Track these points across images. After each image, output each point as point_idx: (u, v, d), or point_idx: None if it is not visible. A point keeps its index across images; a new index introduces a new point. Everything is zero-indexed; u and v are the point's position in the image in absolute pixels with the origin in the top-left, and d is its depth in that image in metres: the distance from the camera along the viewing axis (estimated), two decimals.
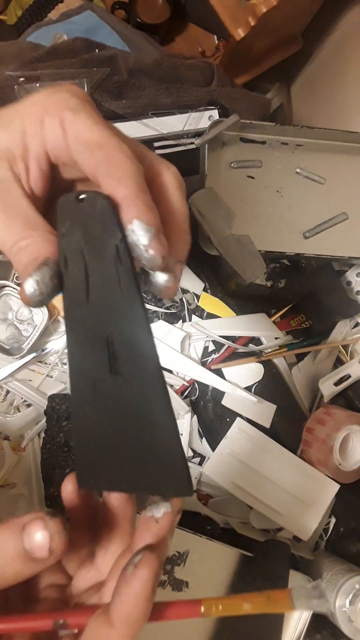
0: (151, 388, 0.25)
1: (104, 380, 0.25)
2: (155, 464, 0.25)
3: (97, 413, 0.25)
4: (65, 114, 0.24)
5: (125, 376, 0.25)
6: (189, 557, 0.48)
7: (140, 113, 0.63)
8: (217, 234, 0.53)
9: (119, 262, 0.24)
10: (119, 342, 0.25)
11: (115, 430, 0.25)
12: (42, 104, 0.25)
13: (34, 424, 0.56)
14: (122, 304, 0.24)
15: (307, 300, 0.62)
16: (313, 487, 0.56)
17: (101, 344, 0.25)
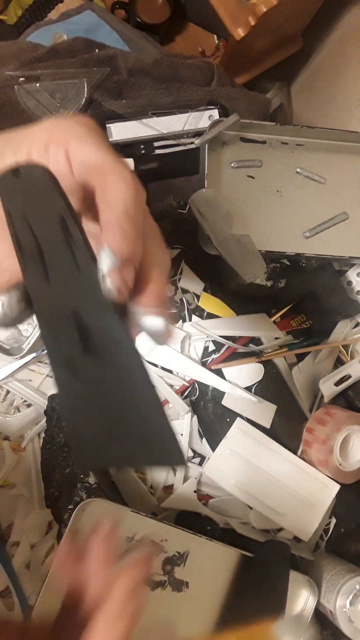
0: (128, 365, 0.24)
1: (81, 360, 0.25)
2: (146, 439, 0.25)
3: (81, 395, 0.25)
4: (71, 143, 0.24)
5: (100, 354, 0.24)
6: (189, 558, 0.47)
7: (140, 113, 0.63)
8: (217, 234, 0.53)
9: (68, 234, 0.23)
10: (87, 319, 0.24)
11: (102, 409, 0.25)
12: (48, 131, 0.25)
13: (34, 424, 0.56)
14: (81, 279, 0.24)
15: (307, 300, 0.62)
16: (313, 488, 0.56)
17: (70, 323, 0.24)
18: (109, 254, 0.23)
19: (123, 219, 0.24)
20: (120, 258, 0.23)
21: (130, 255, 0.24)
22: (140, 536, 0.47)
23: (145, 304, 0.25)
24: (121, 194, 0.24)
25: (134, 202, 0.24)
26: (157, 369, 0.57)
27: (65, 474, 0.51)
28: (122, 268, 0.24)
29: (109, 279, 0.23)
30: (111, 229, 0.24)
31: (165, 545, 0.47)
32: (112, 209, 0.24)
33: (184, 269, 0.58)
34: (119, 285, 0.24)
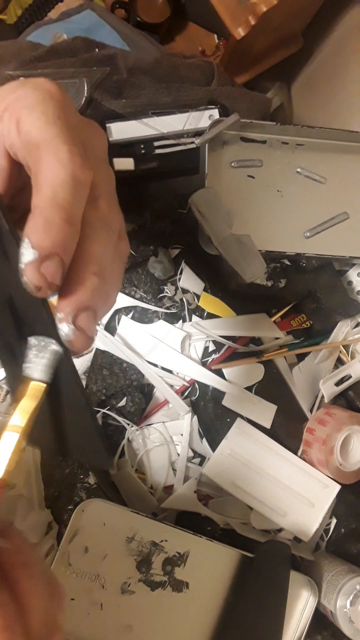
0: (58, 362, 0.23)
1: (18, 346, 0.24)
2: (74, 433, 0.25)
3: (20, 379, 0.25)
4: (23, 112, 0.22)
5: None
6: (189, 558, 0.47)
7: (140, 112, 0.63)
8: (217, 234, 0.53)
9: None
10: (20, 307, 0.24)
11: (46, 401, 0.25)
12: (4, 99, 0.23)
13: None
14: (10, 268, 0.22)
15: (307, 300, 0.62)
16: (314, 488, 0.56)
17: (5, 309, 0.24)
18: (28, 246, 0.21)
19: (48, 206, 0.21)
20: (40, 252, 0.21)
21: (52, 249, 0.21)
22: (141, 537, 0.47)
23: (60, 309, 0.22)
24: (51, 176, 0.21)
25: (67, 186, 0.21)
26: (157, 369, 0.56)
27: (65, 474, 0.51)
28: (42, 263, 0.21)
29: (25, 274, 0.21)
30: (33, 218, 0.21)
31: (166, 546, 0.47)
32: (40, 194, 0.21)
33: (184, 269, 0.58)
34: (36, 282, 0.21)
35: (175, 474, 0.55)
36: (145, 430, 0.56)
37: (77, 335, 0.22)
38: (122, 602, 0.45)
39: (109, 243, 0.24)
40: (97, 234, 0.23)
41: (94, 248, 0.23)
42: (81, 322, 0.22)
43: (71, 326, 0.22)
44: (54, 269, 0.21)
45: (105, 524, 0.46)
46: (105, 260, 0.24)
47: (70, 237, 0.22)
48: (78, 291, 0.22)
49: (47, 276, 0.21)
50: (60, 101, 0.23)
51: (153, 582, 0.46)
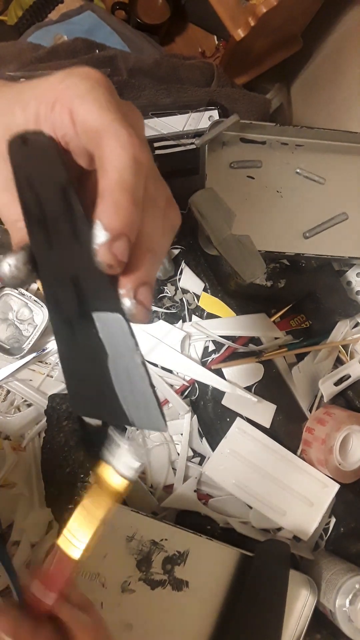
0: (116, 332, 0.25)
1: (77, 322, 0.26)
2: (129, 401, 0.26)
3: (77, 351, 0.27)
4: (75, 101, 0.23)
5: (94, 319, 0.26)
6: (189, 557, 0.48)
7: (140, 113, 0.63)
8: (217, 234, 0.53)
9: (69, 205, 0.23)
10: (84, 286, 0.25)
11: (93, 368, 0.27)
12: (54, 89, 0.24)
13: (34, 423, 0.56)
14: (79, 249, 0.24)
15: (307, 300, 0.62)
16: (313, 487, 0.56)
17: (69, 288, 0.26)
18: (100, 228, 0.22)
19: (116, 190, 0.22)
20: (111, 233, 0.22)
21: (122, 229, 0.22)
22: (141, 536, 0.47)
23: (122, 286, 0.24)
24: (116, 160, 0.22)
25: (130, 168, 0.22)
26: (157, 368, 0.57)
27: (65, 474, 0.52)
28: (113, 243, 0.22)
29: (98, 254, 0.23)
30: (103, 201, 0.22)
31: (166, 545, 0.47)
32: (109, 178, 0.22)
33: (184, 269, 0.59)
34: (108, 261, 0.23)
35: (175, 473, 0.56)
36: (145, 430, 0.56)
37: (139, 309, 0.24)
38: (122, 600, 0.45)
39: (157, 221, 0.25)
40: (148, 214, 0.25)
41: (146, 227, 0.24)
42: (141, 296, 0.24)
43: (133, 301, 0.24)
44: (123, 248, 0.23)
45: None
46: (155, 237, 0.25)
47: (136, 217, 0.23)
48: (137, 269, 0.24)
49: (118, 255, 0.23)
50: (107, 87, 0.24)
51: (153, 581, 0.46)
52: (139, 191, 0.23)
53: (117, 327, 0.25)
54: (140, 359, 0.25)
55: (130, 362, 0.26)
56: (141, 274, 0.24)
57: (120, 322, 0.25)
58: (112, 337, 0.26)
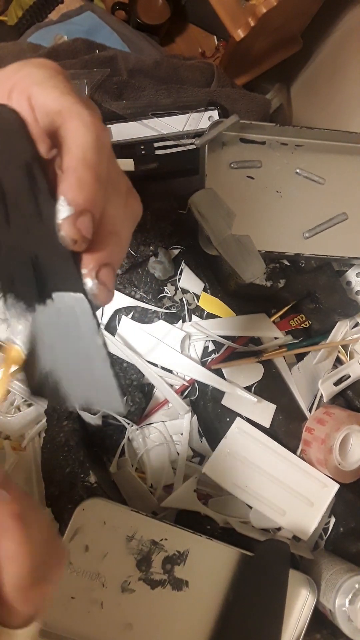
0: (78, 311, 0.25)
1: (38, 303, 0.26)
2: (90, 382, 0.27)
3: (36, 334, 0.27)
4: (33, 89, 0.24)
5: (54, 297, 0.26)
6: (189, 557, 0.48)
7: (141, 114, 0.64)
8: (217, 234, 0.53)
9: (33, 181, 0.24)
10: (44, 266, 0.25)
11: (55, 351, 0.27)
12: (10, 78, 0.24)
13: (34, 423, 0.56)
14: (42, 227, 0.24)
15: (306, 300, 0.62)
16: (313, 487, 0.56)
17: (28, 269, 0.25)
18: (63, 202, 0.23)
19: (80, 166, 0.23)
20: (75, 208, 0.23)
21: (86, 205, 0.23)
22: (141, 536, 0.47)
23: (85, 265, 0.25)
24: (79, 139, 0.23)
25: (93, 147, 0.23)
26: (157, 368, 0.57)
27: (65, 474, 0.52)
28: (77, 218, 0.23)
29: (62, 229, 0.23)
30: (67, 177, 0.23)
31: (165, 545, 0.47)
32: (72, 156, 0.23)
33: (183, 270, 0.59)
34: (72, 236, 0.23)
35: (175, 473, 0.56)
36: (145, 430, 0.56)
37: (100, 289, 0.25)
38: (122, 600, 0.45)
39: (119, 205, 0.26)
40: (110, 197, 0.25)
41: (108, 210, 0.25)
42: (103, 277, 0.25)
43: (95, 280, 0.25)
44: (87, 223, 0.23)
45: (105, 522, 0.47)
46: (118, 221, 0.26)
47: (100, 194, 0.24)
48: (99, 249, 0.25)
49: (82, 230, 0.23)
50: (65, 75, 0.25)
51: (153, 581, 0.46)
52: (102, 170, 0.24)
53: (79, 307, 0.25)
54: (101, 340, 0.26)
55: (92, 343, 0.26)
56: (104, 254, 0.25)
57: (82, 302, 0.25)
58: (73, 318, 0.26)
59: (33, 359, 0.27)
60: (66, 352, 0.27)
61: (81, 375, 0.27)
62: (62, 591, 0.45)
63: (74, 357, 0.27)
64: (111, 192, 0.25)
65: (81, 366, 0.27)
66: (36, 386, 0.28)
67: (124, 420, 0.55)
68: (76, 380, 0.27)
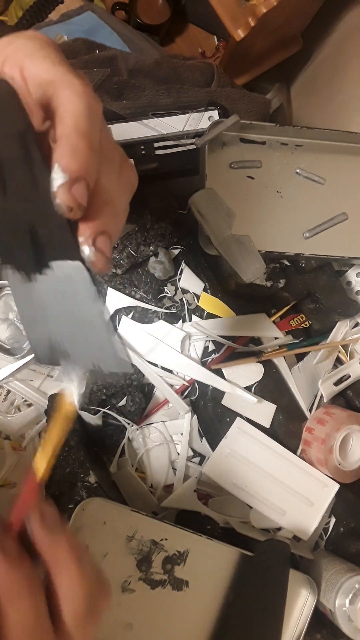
0: (77, 279, 0.26)
1: (34, 271, 0.27)
2: (93, 345, 0.27)
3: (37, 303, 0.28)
4: (25, 60, 0.24)
5: (53, 265, 0.26)
6: (189, 557, 0.48)
7: (141, 113, 0.64)
8: (217, 234, 0.53)
9: (27, 151, 0.24)
10: (41, 235, 0.26)
11: (53, 317, 0.28)
12: (2, 51, 0.25)
13: (34, 423, 0.56)
14: (38, 196, 0.25)
15: (306, 300, 0.62)
16: (313, 487, 0.56)
17: (25, 237, 0.26)
18: (58, 170, 0.23)
19: (73, 134, 0.23)
20: (70, 175, 0.23)
21: (80, 172, 0.23)
22: (141, 536, 0.47)
23: (82, 233, 0.25)
24: (71, 107, 0.24)
25: (85, 115, 0.24)
26: (157, 368, 0.57)
27: (65, 474, 0.52)
28: (72, 185, 0.23)
29: (58, 196, 0.23)
30: (61, 145, 0.23)
31: (166, 545, 0.47)
32: (65, 124, 0.23)
33: (184, 270, 0.59)
34: (68, 203, 0.23)
35: (175, 473, 0.56)
36: (145, 430, 0.56)
37: (97, 256, 0.25)
38: (122, 600, 0.45)
39: (113, 174, 0.27)
40: (104, 166, 0.26)
41: (102, 179, 0.25)
42: (99, 244, 0.25)
43: (92, 248, 0.25)
44: (82, 190, 0.24)
45: (105, 522, 0.47)
46: (112, 190, 0.26)
47: (93, 162, 0.24)
48: (95, 218, 0.25)
49: (77, 197, 0.24)
50: (55, 47, 0.26)
51: (153, 581, 0.46)
52: (95, 137, 0.24)
53: (77, 275, 0.26)
54: (100, 306, 0.27)
55: (92, 310, 0.26)
56: (100, 223, 0.25)
57: (80, 270, 0.26)
58: (72, 286, 0.26)
59: (37, 328, 0.28)
60: (69, 320, 0.27)
61: (86, 342, 0.27)
62: None
63: (77, 324, 0.27)
64: (104, 162, 0.26)
65: (84, 333, 0.27)
66: (45, 354, 0.29)
67: (124, 421, 0.55)
68: (82, 347, 0.28)
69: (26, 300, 0.28)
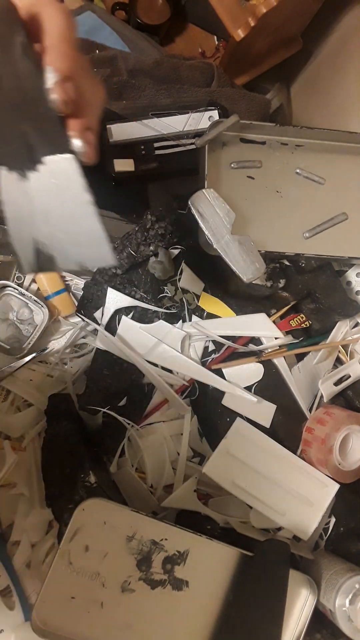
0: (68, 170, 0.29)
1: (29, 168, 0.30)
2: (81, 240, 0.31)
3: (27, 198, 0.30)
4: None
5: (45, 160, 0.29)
6: (189, 557, 0.48)
7: (141, 114, 0.64)
8: (217, 235, 0.53)
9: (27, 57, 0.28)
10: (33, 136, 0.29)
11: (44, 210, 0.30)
12: None
13: (34, 423, 0.56)
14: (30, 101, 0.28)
15: (306, 300, 0.62)
16: (313, 487, 0.56)
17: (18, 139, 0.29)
18: (51, 70, 0.28)
19: (61, 42, 0.29)
20: (61, 74, 0.28)
21: (69, 72, 0.28)
22: (141, 536, 0.47)
23: (72, 128, 0.30)
24: (58, 21, 0.29)
25: (69, 28, 0.29)
26: (157, 368, 0.57)
27: (65, 474, 0.52)
28: (64, 82, 0.28)
29: (53, 91, 0.28)
30: (52, 51, 0.28)
31: (166, 545, 0.47)
32: (52, 35, 0.29)
33: (184, 270, 0.59)
34: (62, 96, 0.28)
35: (175, 473, 0.56)
36: (145, 430, 0.56)
37: (87, 147, 0.30)
38: (122, 600, 0.45)
39: (89, 82, 0.31)
40: (81, 75, 0.30)
41: (81, 85, 0.30)
42: (87, 137, 0.30)
43: (81, 140, 0.30)
44: (71, 87, 0.29)
45: (105, 522, 0.47)
46: (91, 94, 0.31)
47: (77, 65, 0.29)
48: (82, 115, 0.30)
49: (69, 92, 0.29)
50: None
51: (153, 581, 0.46)
52: (76, 47, 0.29)
53: (69, 166, 0.29)
54: (89, 196, 0.30)
55: (81, 200, 0.30)
56: (86, 120, 0.30)
57: (71, 161, 0.29)
58: (65, 177, 0.29)
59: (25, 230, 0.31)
60: (59, 214, 0.30)
61: (74, 236, 0.30)
62: (62, 591, 0.45)
63: (67, 218, 0.30)
64: (84, 71, 0.31)
65: (73, 226, 0.30)
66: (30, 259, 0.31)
67: (124, 421, 0.55)
68: (70, 242, 0.30)
69: (16, 201, 0.30)
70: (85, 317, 0.58)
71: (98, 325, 0.57)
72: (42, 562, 0.52)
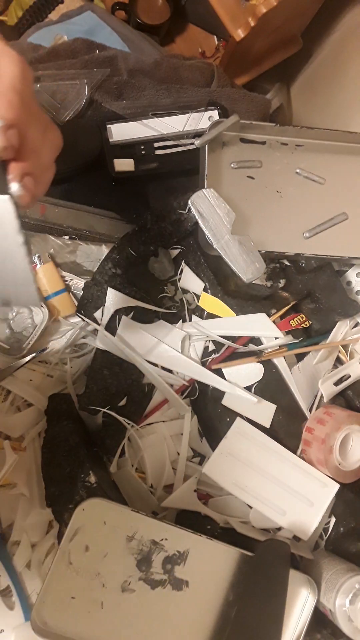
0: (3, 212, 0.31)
1: None
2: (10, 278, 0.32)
3: None
4: None
5: None
6: (189, 557, 0.48)
7: (141, 113, 0.64)
8: (217, 235, 0.53)
9: None
10: None
11: None
12: None
13: (34, 423, 0.56)
14: None
15: (306, 300, 0.62)
16: (313, 487, 0.56)
17: None
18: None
19: (10, 91, 0.29)
20: (5, 121, 0.29)
21: (14, 121, 0.29)
22: (141, 536, 0.47)
23: (11, 171, 0.31)
24: (9, 70, 0.30)
25: (21, 79, 0.30)
26: (157, 368, 0.57)
27: (65, 474, 0.52)
28: (6, 130, 0.29)
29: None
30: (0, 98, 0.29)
31: (166, 545, 0.47)
32: (2, 83, 0.30)
33: (184, 269, 0.59)
34: (3, 143, 0.29)
35: (175, 473, 0.56)
36: (145, 430, 0.56)
37: (24, 192, 0.31)
38: (122, 600, 0.45)
39: (39, 131, 0.33)
40: (31, 123, 0.32)
41: (30, 133, 0.32)
42: (26, 182, 0.31)
43: (19, 184, 0.31)
44: (14, 135, 0.30)
45: (105, 523, 0.47)
46: (38, 143, 0.32)
47: (24, 115, 0.30)
48: (24, 161, 0.31)
49: (11, 139, 0.29)
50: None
51: (153, 581, 0.46)
52: (28, 97, 0.31)
53: (4, 208, 0.31)
54: (22, 238, 0.31)
55: (14, 241, 0.31)
56: (27, 165, 0.31)
57: (7, 203, 0.31)
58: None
59: None
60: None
61: (2, 274, 0.32)
62: (62, 591, 0.45)
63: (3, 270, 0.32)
64: (32, 120, 0.32)
65: (2, 265, 0.31)
66: None
67: (124, 421, 0.55)
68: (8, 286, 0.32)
69: None
70: (85, 317, 0.58)
71: (98, 325, 0.57)
72: (42, 562, 0.52)
